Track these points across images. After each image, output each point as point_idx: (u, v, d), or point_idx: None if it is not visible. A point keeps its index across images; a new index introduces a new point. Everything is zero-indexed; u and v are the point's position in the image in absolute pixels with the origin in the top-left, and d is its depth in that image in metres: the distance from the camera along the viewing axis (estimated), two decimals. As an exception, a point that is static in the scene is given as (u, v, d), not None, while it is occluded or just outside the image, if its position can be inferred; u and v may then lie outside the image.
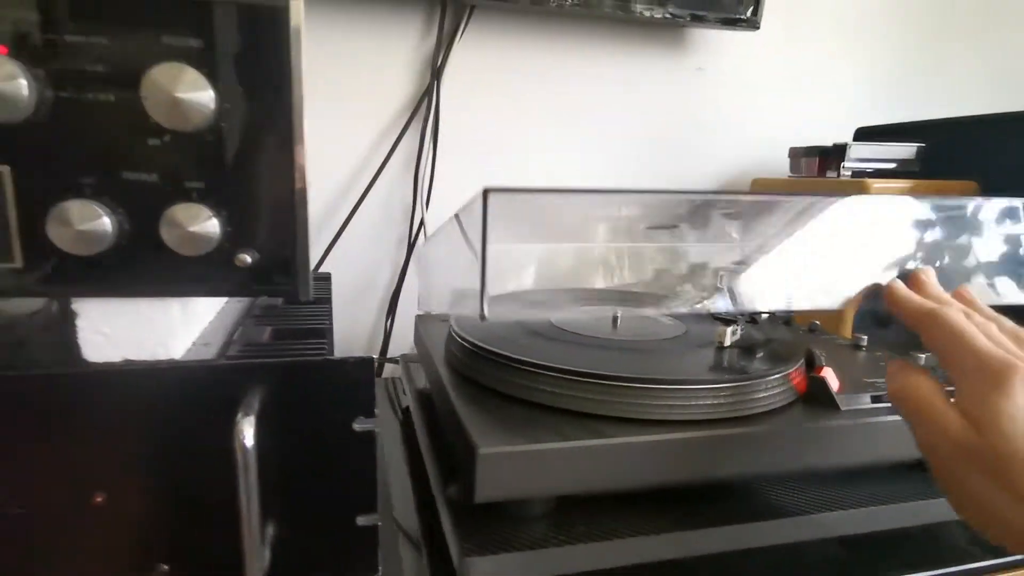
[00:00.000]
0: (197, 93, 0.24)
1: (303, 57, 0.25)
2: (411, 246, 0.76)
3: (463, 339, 0.42)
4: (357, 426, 0.30)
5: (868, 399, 0.39)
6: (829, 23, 0.86)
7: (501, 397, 0.38)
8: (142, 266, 0.26)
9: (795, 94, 0.87)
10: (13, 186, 0.24)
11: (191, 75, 0.24)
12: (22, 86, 0.23)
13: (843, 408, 0.38)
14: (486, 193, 0.28)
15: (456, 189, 0.75)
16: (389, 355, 0.76)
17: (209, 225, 0.25)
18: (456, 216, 0.35)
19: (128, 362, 0.28)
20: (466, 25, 0.72)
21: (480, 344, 0.40)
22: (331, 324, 0.43)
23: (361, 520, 0.31)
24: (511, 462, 0.32)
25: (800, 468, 0.38)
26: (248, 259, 0.26)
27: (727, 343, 0.43)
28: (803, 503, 0.39)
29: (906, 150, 0.73)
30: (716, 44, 0.81)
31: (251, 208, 0.26)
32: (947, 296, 0.33)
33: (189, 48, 0.25)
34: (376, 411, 0.30)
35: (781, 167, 0.80)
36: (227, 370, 0.28)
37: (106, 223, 0.25)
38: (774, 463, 0.37)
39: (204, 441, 0.28)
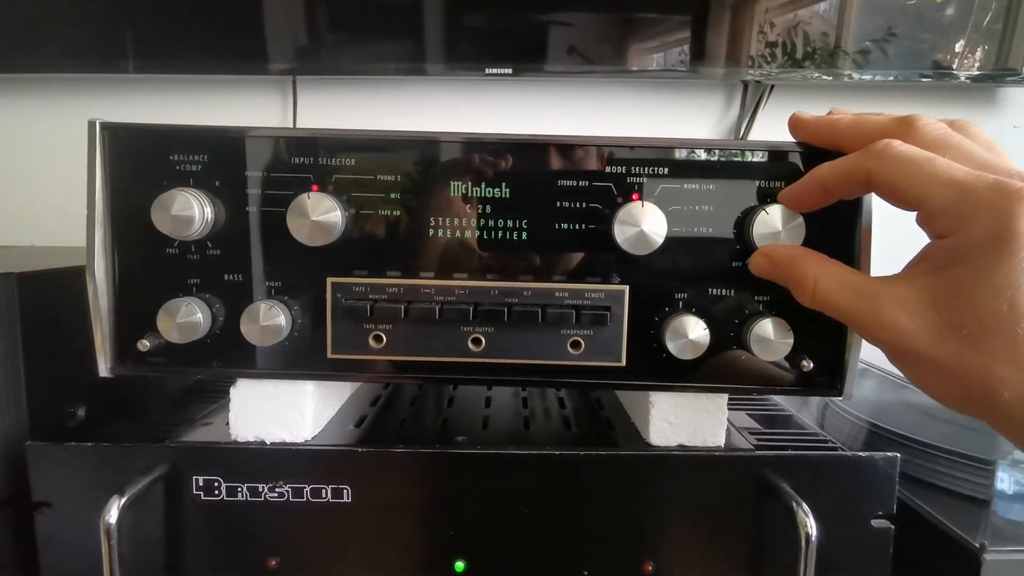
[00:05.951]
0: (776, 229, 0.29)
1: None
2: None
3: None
4: (875, 523, 0.32)
5: None
6: None
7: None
8: (725, 366, 0.30)
9: None
10: (629, 302, 0.30)
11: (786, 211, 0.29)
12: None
13: None
14: None
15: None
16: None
17: (788, 336, 0.29)
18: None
19: (682, 447, 0.32)
20: (766, 103, 0.74)
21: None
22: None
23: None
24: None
25: None
26: (810, 365, 0.30)
27: None
28: None
29: None
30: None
31: (812, 320, 0.30)
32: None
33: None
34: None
35: None
36: (763, 460, 0.32)
37: (704, 333, 0.29)
38: None
39: (734, 519, 0.32)
